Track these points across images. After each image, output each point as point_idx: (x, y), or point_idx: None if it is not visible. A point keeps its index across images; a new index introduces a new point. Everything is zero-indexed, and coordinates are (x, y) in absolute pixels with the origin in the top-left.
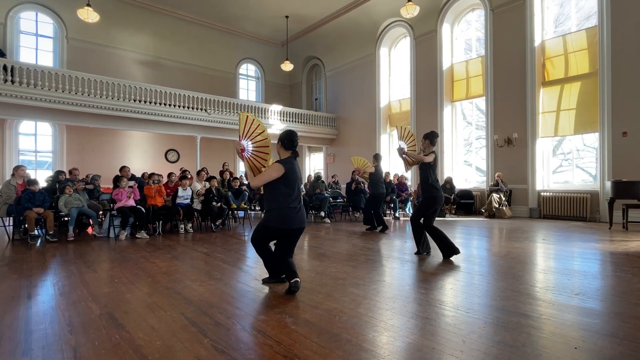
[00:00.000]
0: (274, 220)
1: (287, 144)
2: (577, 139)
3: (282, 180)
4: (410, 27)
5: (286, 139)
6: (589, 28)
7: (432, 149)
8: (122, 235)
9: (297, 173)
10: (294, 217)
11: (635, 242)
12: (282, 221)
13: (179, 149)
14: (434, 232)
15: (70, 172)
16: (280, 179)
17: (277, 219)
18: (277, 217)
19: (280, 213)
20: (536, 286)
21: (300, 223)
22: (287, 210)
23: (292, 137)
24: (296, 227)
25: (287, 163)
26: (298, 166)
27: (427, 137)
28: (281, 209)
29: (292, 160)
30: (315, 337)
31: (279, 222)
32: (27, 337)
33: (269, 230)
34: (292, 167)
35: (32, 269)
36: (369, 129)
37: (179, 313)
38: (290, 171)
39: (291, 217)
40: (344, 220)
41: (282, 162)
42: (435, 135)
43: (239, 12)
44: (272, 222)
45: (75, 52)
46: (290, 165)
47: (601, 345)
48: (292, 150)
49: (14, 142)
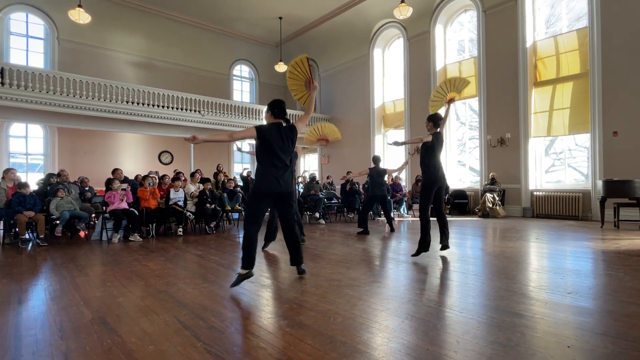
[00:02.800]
0: (256, 182)
1: (278, 113)
2: (569, 138)
3: (259, 145)
4: (404, 28)
5: (276, 108)
6: (579, 29)
7: (436, 130)
8: (114, 238)
9: (277, 139)
10: (272, 181)
11: (627, 240)
12: (261, 183)
13: (173, 151)
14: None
15: (59, 174)
16: (259, 145)
17: (258, 180)
18: (258, 179)
19: (259, 176)
20: (529, 285)
21: (279, 187)
22: (266, 174)
23: (282, 105)
24: (275, 190)
25: (262, 128)
26: (287, 132)
27: (430, 119)
28: (262, 171)
29: (273, 126)
30: (309, 340)
31: (259, 183)
32: (17, 343)
33: (252, 194)
34: (269, 131)
35: (22, 273)
36: (364, 130)
37: (172, 317)
38: (267, 133)
39: (269, 181)
40: (338, 221)
41: (258, 126)
42: (438, 117)
43: (233, 13)
44: (255, 184)
45: (66, 53)
46: (266, 130)
47: (594, 344)
48: (282, 118)
49: (5, 144)
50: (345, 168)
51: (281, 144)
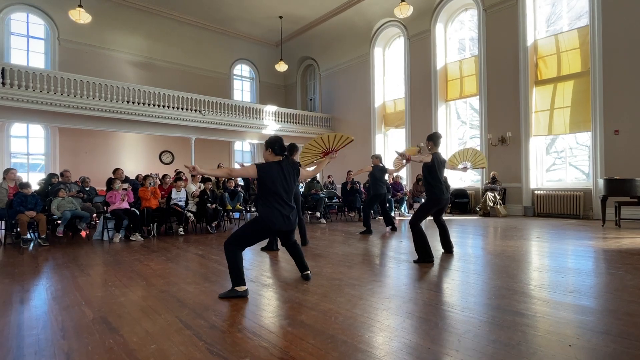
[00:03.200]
0: (263, 218)
1: (278, 150)
2: (570, 137)
3: (261, 184)
4: (404, 27)
5: (276, 145)
6: (580, 27)
7: (436, 150)
8: (116, 238)
9: (281, 179)
10: (280, 219)
11: (628, 239)
12: (270, 220)
13: (174, 151)
14: (442, 227)
15: (62, 174)
16: (261, 183)
17: (266, 216)
18: (265, 214)
19: (266, 211)
20: (531, 284)
21: (288, 226)
22: (273, 210)
23: (281, 143)
24: (283, 229)
25: (263, 168)
26: (288, 169)
27: (430, 139)
28: (267, 207)
29: (273, 165)
30: (311, 339)
31: (267, 220)
32: (19, 343)
33: (259, 228)
34: (270, 171)
35: (24, 274)
36: (364, 129)
37: (173, 316)
38: (268, 174)
39: (277, 218)
40: (339, 220)
41: (259, 165)
42: (436, 136)
43: (233, 13)
44: (261, 220)
45: (67, 53)
46: (266, 171)
47: (595, 343)
48: (282, 155)
49: (6, 144)
50: (346, 167)
51: (285, 183)
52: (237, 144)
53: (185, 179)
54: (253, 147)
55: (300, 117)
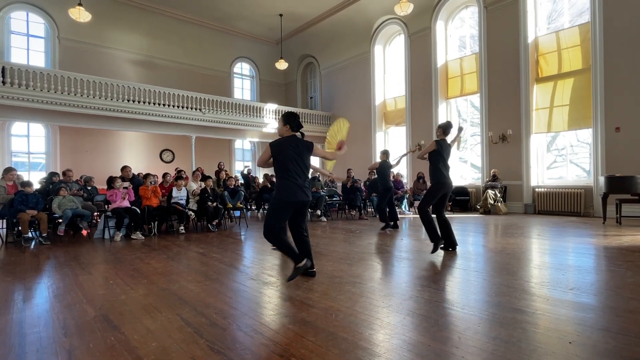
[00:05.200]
0: (279, 192)
1: (295, 127)
2: (571, 134)
3: (275, 160)
4: (405, 25)
5: (294, 122)
6: (581, 24)
7: (444, 137)
8: (117, 237)
9: (290, 150)
10: (296, 190)
11: (629, 236)
12: (284, 193)
13: (174, 149)
14: (443, 223)
15: (64, 173)
16: (275, 160)
17: (281, 191)
18: (281, 189)
19: (282, 186)
20: (531, 282)
21: (304, 196)
22: (289, 184)
23: (298, 118)
24: (300, 199)
25: (274, 143)
26: (298, 142)
27: (440, 127)
28: (283, 182)
29: (286, 139)
30: (311, 336)
31: (283, 194)
32: (21, 341)
33: (277, 201)
34: (281, 145)
35: (26, 272)
36: (365, 127)
37: (174, 314)
38: (277, 149)
39: (293, 190)
40: (340, 218)
41: (271, 144)
42: (447, 125)
43: (233, 11)
44: (278, 194)
45: (67, 52)
46: (277, 144)
47: (595, 340)
48: (298, 130)
49: (7, 143)
50: (346, 165)
51: (297, 156)
52: (237, 142)
53: (186, 177)
54: (253, 145)
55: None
